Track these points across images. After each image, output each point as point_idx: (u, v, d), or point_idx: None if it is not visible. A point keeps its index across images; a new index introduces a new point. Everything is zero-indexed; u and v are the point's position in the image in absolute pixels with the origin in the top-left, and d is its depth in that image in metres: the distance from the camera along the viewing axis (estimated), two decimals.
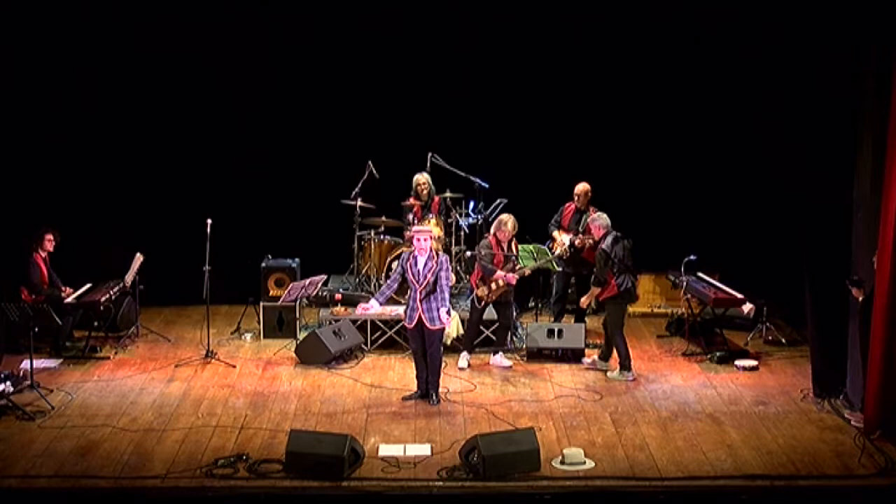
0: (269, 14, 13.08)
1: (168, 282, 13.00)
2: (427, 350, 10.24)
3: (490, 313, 11.80)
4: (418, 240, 10.19)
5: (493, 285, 11.27)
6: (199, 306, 12.06)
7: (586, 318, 12.59)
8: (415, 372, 10.45)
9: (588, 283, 11.75)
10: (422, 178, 12.68)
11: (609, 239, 11.06)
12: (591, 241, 11.93)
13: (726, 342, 11.97)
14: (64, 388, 10.61)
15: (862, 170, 9.76)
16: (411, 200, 12.68)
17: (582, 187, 12.25)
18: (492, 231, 11.48)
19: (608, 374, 11.10)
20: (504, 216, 11.40)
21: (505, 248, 11.38)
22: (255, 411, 10.03)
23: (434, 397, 10.23)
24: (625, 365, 11.00)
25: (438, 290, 10.15)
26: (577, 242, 12.06)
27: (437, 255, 10.29)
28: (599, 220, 11.22)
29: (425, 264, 10.18)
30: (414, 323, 10.23)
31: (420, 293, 10.14)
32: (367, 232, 12.96)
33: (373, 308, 10.55)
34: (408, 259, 10.25)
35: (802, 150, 10.75)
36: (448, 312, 10.22)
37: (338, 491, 8.38)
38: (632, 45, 13.22)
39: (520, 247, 12.41)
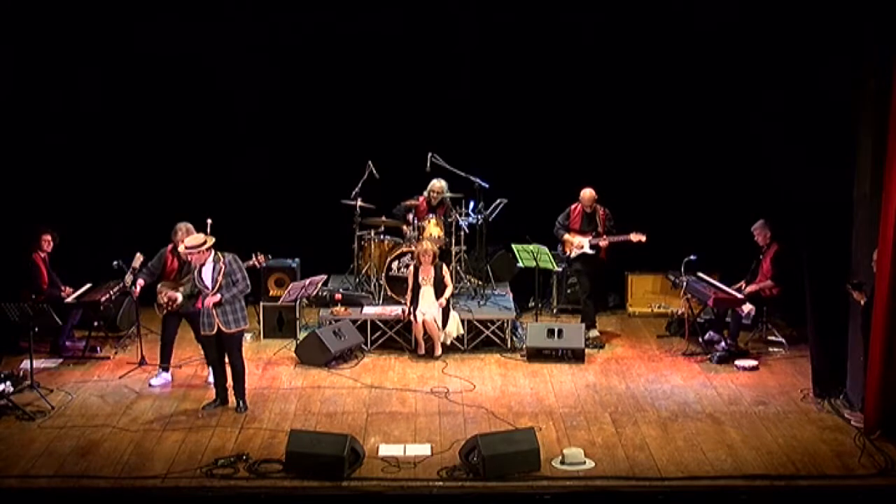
0: (269, 14, 13.08)
1: None
2: None
3: (486, 313, 11.89)
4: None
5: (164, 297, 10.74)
6: None
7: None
8: None
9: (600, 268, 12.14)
10: (437, 185, 12.69)
11: None
12: (612, 239, 11.99)
13: (726, 342, 11.96)
14: (64, 388, 10.61)
15: (862, 169, 9.75)
16: (415, 201, 12.69)
17: (588, 194, 12.24)
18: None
19: None
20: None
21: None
22: (255, 411, 10.03)
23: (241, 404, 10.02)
24: None
25: None
26: (601, 244, 12.10)
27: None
28: None
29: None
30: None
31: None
32: (367, 232, 12.96)
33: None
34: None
35: (802, 150, 10.74)
36: None
37: (338, 491, 8.38)
38: (632, 45, 13.22)
39: (520, 247, 12.46)
